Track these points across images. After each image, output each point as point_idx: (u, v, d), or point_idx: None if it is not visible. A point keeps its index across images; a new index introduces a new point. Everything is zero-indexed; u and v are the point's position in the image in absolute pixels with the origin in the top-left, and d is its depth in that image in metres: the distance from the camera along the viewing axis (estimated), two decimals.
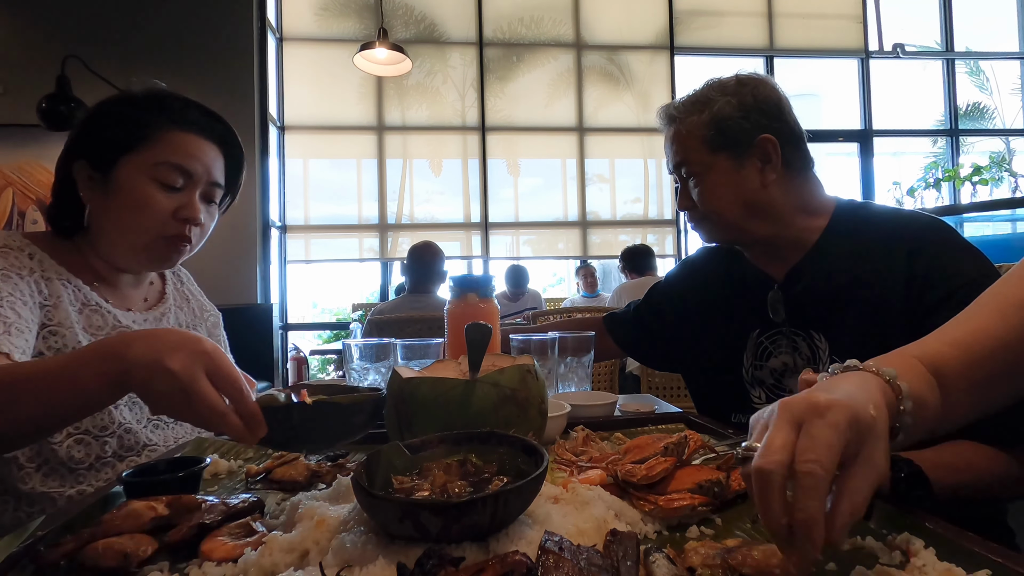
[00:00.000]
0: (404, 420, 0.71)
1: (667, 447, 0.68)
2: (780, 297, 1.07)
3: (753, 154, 1.03)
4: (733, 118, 1.03)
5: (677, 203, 1.15)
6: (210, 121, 1.03)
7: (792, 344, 1.06)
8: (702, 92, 1.08)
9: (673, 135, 1.09)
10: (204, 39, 4.36)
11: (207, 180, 1.01)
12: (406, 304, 2.72)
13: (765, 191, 1.04)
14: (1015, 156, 6.18)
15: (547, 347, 1.16)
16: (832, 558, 0.50)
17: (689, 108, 1.07)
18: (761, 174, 1.04)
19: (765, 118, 1.03)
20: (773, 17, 5.65)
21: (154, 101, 0.99)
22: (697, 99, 1.07)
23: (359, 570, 0.45)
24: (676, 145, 1.09)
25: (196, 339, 0.60)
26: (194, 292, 1.25)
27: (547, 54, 5.43)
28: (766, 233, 1.06)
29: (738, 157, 1.04)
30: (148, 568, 0.51)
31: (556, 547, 0.44)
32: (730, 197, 1.05)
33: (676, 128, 1.08)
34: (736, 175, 1.04)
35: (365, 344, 1.07)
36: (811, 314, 1.03)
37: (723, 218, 1.07)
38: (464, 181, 5.31)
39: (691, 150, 1.06)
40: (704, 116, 1.05)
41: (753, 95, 1.04)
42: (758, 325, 1.10)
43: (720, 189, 1.05)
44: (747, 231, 1.07)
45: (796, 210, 1.05)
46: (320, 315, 8.29)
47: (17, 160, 4.13)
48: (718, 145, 1.04)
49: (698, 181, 1.07)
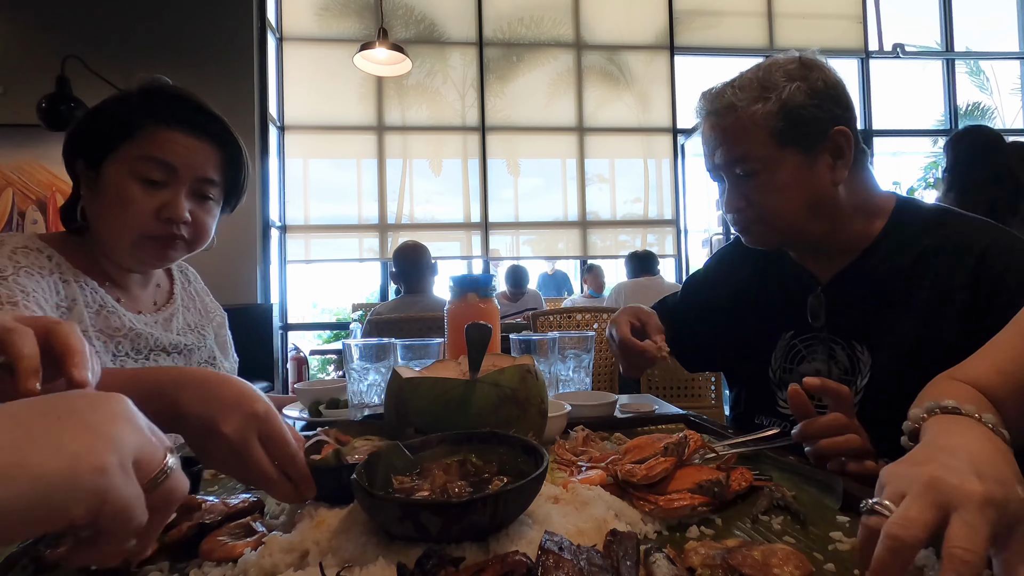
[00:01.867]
0: (404, 420, 0.71)
1: (667, 447, 0.68)
2: (822, 301, 0.99)
3: (825, 148, 0.92)
4: (807, 107, 0.91)
5: (723, 205, 1.00)
6: (201, 117, 1.00)
7: (829, 351, 0.99)
8: (764, 76, 0.93)
9: (729, 126, 0.94)
10: (204, 39, 4.35)
11: (195, 177, 0.99)
12: (404, 304, 2.73)
13: (834, 189, 0.93)
14: None
15: (547, 347, 1.16)
16: (833, 559, 0.50)
17: (751, 94, 0.92)
18: (832, 171, 0.93)
19: (838, 107, 0.92)
20: (773, 17, 5.65)
21: (143, 97, 0.98)
22: (760, 83, 0.93)
23: (359, 570, 0.45)
24: (732, 137, 0.94)
25: (250, 398, 0.56)
26: (200, 292, 1.25)
27: (547, 54, 5.42)
28: (822, 234, 0.97)
29: (810, 152, 0.92)
30: (148, 568, 0.51)
31: (556, 547, 0.44)
32: (798, 197, 0.93)
33: (733, 118, 0.93)
34: (807, 172, 0.92)
35: (365, 344, 1.07)
36: (855, 322, 0.96)
37: (784, 220, 0.95)
38: (464, 181, 5.31)
39: (754, 143, 0.92)
40: (771, 104, 0.91)
41: (823, 80, 0.92)
42: (792, 327, 1.04)
43: (789, 189, 0.93)
44: (806, 233, 0.96)
45: (856, 210, 0.96)
46: (320, 315, 8.30)
47: (17, 160, 4.13)
48: (789, 138, 0.91)
49: (761, 179, 0.94)
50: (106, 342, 0.99)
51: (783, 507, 0.61)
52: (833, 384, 0.75)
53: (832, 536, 0.55)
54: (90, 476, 0.30)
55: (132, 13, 4.27)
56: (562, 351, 1.22)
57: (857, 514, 0.59)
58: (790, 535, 0.56)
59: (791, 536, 0.56)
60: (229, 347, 1.28)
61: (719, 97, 0.96)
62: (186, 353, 1.13)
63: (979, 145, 2.32)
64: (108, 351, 0.99)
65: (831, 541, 0.54)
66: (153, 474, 0.35)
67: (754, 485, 0.65)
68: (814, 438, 0.73)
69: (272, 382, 4.41)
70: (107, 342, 0.99)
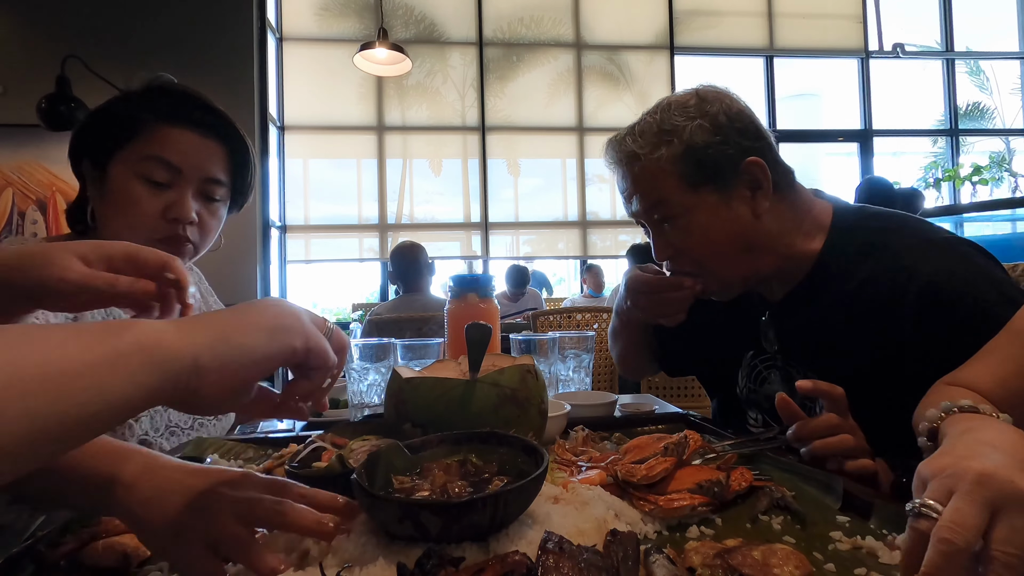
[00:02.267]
0: (404, 420, 0.71)
1: (667, 447, 0.68)
2: (772, 325, 0.97)
3: (740, 182, 0.89)
4: (711, 144, 0.87)
5: (655, 255, 0.97)
6: (208, 116, 0.99)
7: (786, 374, 0.97)
8: (662, 119, 0.90)
9: (637, 175, 0.92)
10: (204, 39, 4.35)
11: (201, 177, 0.98)
12: (403, 305, 2.73)
13: (760, 222, 0.90)
14: (1015, 156, 6.18)
15: (547, 347, 1.16)
16: (833, 559, 0.50)
17: (653, 141, 0.90)
18: (752, 203, 0.89)
19: (745, 138, 0.89)
20: (773, 17, 5.65)
21: (148, 96, 0.97)
22: (659, 127, 0.90)
23: (359, 570, 0.45)
24: (642, 187, 0.92)
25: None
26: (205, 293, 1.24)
27: (547, 54, 5.43)
28: (771, 265, 0.93)
29: (724, 189, 0.89)
30: (148, 568, 0.51)
31: (556, 547, 0.44)
32: (723, 237, 0.90)
33: (639, 167, 0.91)
34: (725, 210, 0.89)
35: (365, 344, 1.07)
36: (806, 347, 0.94)
37: (719, 262, 0.92)
38: (464, 181, 5.31)
39: (665, 189, 0.90)
40: (675, 147, 0.88)
41: (725, 113, 0.89)
42: (752, 347, 1.02)
43: (710, 231, 0.89)
44: (753, 270, 0.93)
45: (792, 232, 0.92)
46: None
47: (17, 160, 4.13)
48: (699, 179, 0.88)
49: (680, 224, 0.91)
50: None
51: (783, 507, 0.61)
52: (825, 385, 0.75)
53: (832, 536, 0.55)
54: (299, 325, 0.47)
55: (132, 13, 4.27)
56: (562, 351, 1.22)
57: (857, 514, 0.59)
58: (790, 535, 0.56)
59: (791, 536, 0.56)
60: None
61: (621, 145, 0.94)
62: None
63: (874, 192, 2.97)
64: None
65: (831, 541, 0.54)
66: (325, 328, 0.52)
67: (754, 485, 0.65)
68: (808, 440, 0.73)
69: (272, 382, 4.41)
70: None
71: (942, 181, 5.76)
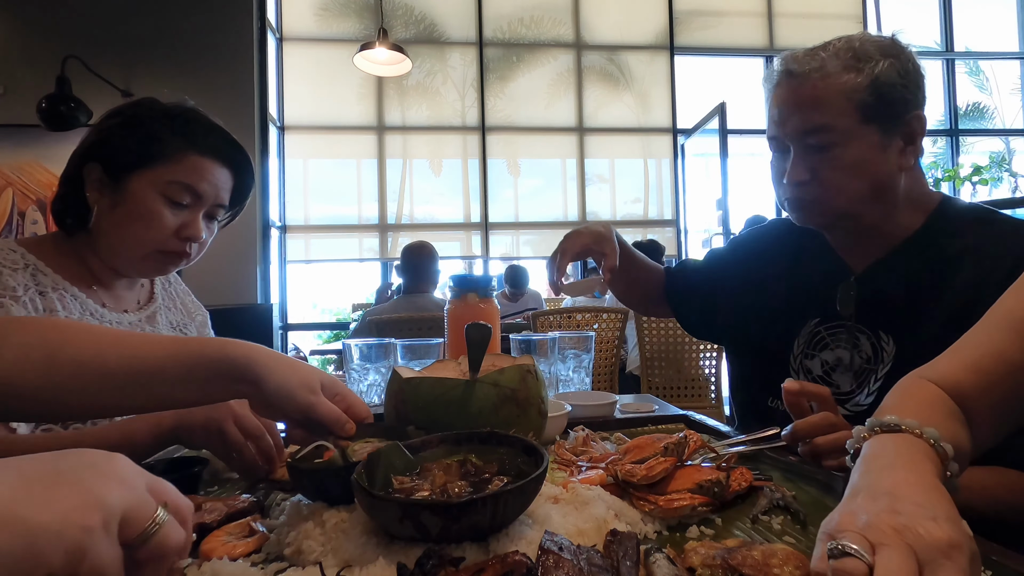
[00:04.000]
0: (404, 420, 0.71)
1: (667, 447, 0.68)
2: (854, 291, 0.98)
3: (899, 131, 0.90)
4: (895, 86, 0.88)
5: (784, 176, 0.94)
6: (229, 148, 1.05)
7: (853, 340, 0.98)
8: (859, 47, 0.89)
9: (812, 92, 0.90)
10: (204, 39, 4.35)
11: (214, 202, 1.04)
12: (403, 305, 2.73)
13: (899, 176, 0.91)
14: (1015, 156, 6.18)
15: (547, 347, 1.16)
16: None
17: (844, 62, 0.88)
18: (901, 156, 0.91)
19: (919, 93, 0.90)
20: (773, 17, 5.65)
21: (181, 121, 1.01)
22: (855, 53, 0.89)
23: (359, 570, 0.45)
24: (814, 104, 0.90)
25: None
26: (181, 293, 1.27)
27: (547, 54, 5.43)
28: (875, 219, 0.94)
29: (887, 133, 0.89)
30: None
31: (556, 547, 0.44)
32: (866, 177, 0.90)
33: (819, 84, 0.89)
34: (880, 153, 0.89)
35: (365, 344, 1.07)
36: (884, 314, 0.95)
37: (846, 198, 0.91)
38: (464, 181, 5.31)
39: (837, 114, 0.88)
40: (863, 77, 0.87)
41: (912, 63, 0.90)
42: (819, 314, 1.02)
43: (860, 167, 0.89)
44: (860, 216, 0.93)
45: (907, 200, 0.94)
46: (320, 315, 8.29)
47: (17, 160, 4.13)
48: (872, 114, 0.88)
49: (834, 153, 0.89)
50: None
51: (783, 507, 0.61)
52: (812, 386, 0.75)
53: None
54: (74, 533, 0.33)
55: (132, 13, 4.27)
56: (562, 351, 1.22)
57: None
58: (790, 535, 0.56)
59: (791, 536, 0.56)
60: None
61: (809, 59, 0.91)
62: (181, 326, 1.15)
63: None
64: None
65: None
66: (143, 528, 0.37)
67: (754, 485, 0.65)
68: (806, 437, 0.73)
69: None
70: None
71: (942, 181, 5.76)
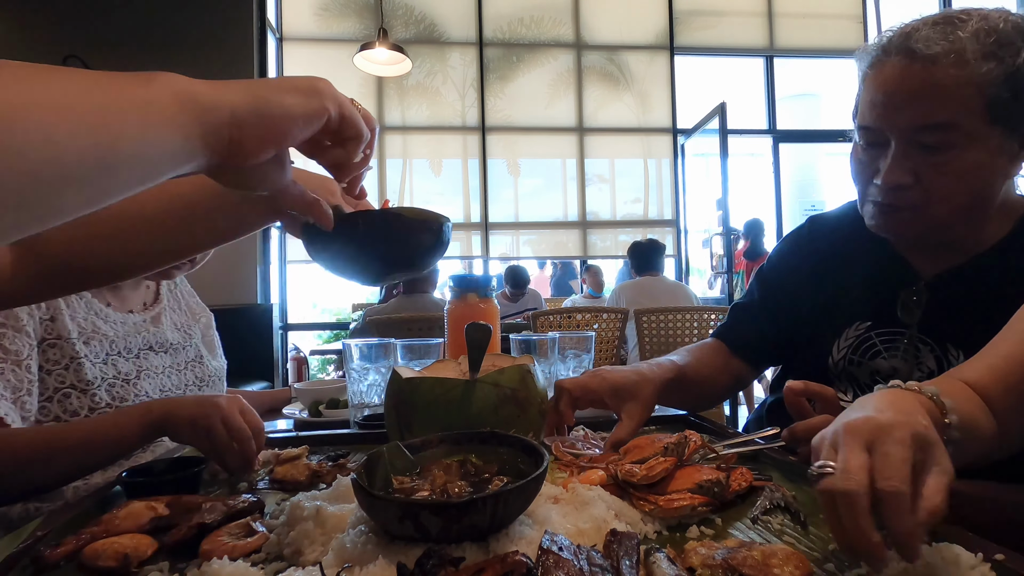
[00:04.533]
0: (404, 420, 0.71)
1: (667, 447, 0.68)
2: (924, 296, 0.89)
3: (1019, 135, 0.77)
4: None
5: (885, 176, 0.80)
6: None
7: (914, 351, 0.89)
8: (1003, 29, 0.74)
9: (939, 80, 0.74)
10: (204, 39, 4.35)
11: None
12: (403, 305, 2.73)
13: (1000, 184, 0.81)
14: None
15: (547, 347, 1.16)
16: (832, 558, 0.50)
17: (986, 48, 0.73)
18: (1011, 162, 0.79)
19: None
20: (773, 17, 5.65)
21: None
22: (998, 37, 0.74)
23: (359, 570, 0.45)
24: (938, 96, 0.75)
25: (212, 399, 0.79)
26: (186, 295, 1.28)
27: (547, 54, 5.43)
28: (964, 232, 0.86)
29: (1007, 137, 0.76)
30: (148, 568, 0.51)
31: (556, 547, 0.44)
32: (977, 185, 0.79)
33: (951, 72, 0.74)
34: (997, 159, 0.77)
35: (365, 344, 1.07)
36: (953, 325, 0.86)
37: (947, 209, 0.80)
38: (464, 181, 5.31)
39: (966, 111, 0.74)
40: (1003, 67, 0.73)
41: None
42: (871, 318, 0.94)
43: (974, 174, 0.77)
44: (952, 228, 0.84)
45: (998, 209, 0.85)
46: (320, 315, 8.30)
47: None
48: (1001, 114, 0.74)
49: (950, 156, 0.77)
50: (96, 345, 1.00)
51: (783, 507, 0.61)
52: (816, 386, 0.75)
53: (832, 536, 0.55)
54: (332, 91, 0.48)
55: (132, 13, 4.27)
56: (562, 351, 1.22)
57: None
58: (790, 535, 0.56)
59: (791, 536, 0.56)
60: (217, 347, 1.30)
61: (940, 39, 0.74)
62: (173, 352, 1.15)
63: None
64: (101, 353, 1.00)
65: (831, 541, 0.54)
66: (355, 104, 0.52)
67: (754, 485, 0.65)
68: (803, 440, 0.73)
69: (272, 382, 4.41)
70: (98, 344, 1.00)
71: None
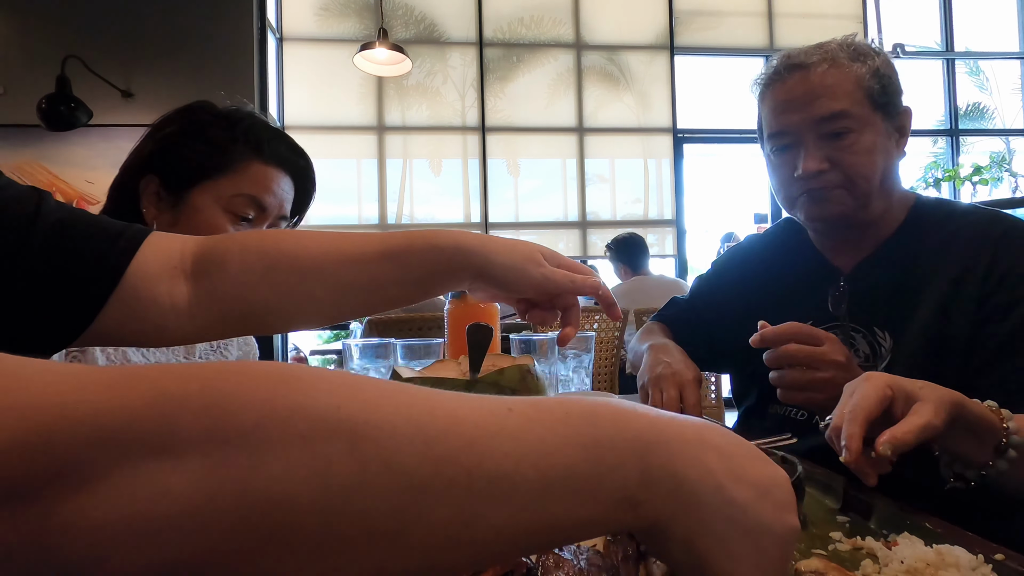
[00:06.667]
0: None
1: None
2: (845, 289, 1.00)
3: (895, 123, 0.96)
4: (891, 78, 0.94)
5: (804, 166, 0.95)
6: (293, 155, 0.98)
7: (849, 340, 0.99)
8: (854, 44, 0.95)
9: (825, 81, 0.92)
10: (204, 39, 4.35)
11: (277, 214, 0.97)
12: None
13: (896, 166, 0.97)
14: (1015, 156, 6.18)
15: (547, 347, 1.16)
16: (833, 559, 0.50)
17: (851, 54, 0.94)
18: (897, 146, 0.97)
19: (901, 87, 0.96)
20: (773, 17, 5.65)
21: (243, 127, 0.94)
22: (854, 48, 0.95)
23: None
24: (829, 92, 0.92)
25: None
26: None
27: (547, 54, 5.42)
28: (874, 214, 0.97)
29: (888, 120, 0.94)
30: None
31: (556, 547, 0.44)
32: (880, 163, 0.94)
33: (832, 72, 0.92)
34: (886, 139, 0.94)
35: (365, 344, 1.07)
36: (877, 310, 0.97)
37: (868, 184, 0.93)
38: (464, 181, 5.31)
39: (853, 101, 0.92)
40: (868, 67, 0.93)
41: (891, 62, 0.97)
42: (812, 316, 1.01)
43: (873, 153, 0.93)
44: (870, 207, 0.96)
45: (892, 194, 0.98)
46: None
47: (17, 160, 4.12)
48: (880, 102, 0.93)
49: (849, 139, 0.93)
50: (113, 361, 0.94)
51: None
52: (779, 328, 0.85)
53: (832, 536, 0.55)
54: None
55: (132, 13, 4.27)
56: (562, 351, 1.21)
57: (857, 514, 0.60)
58: None
59: None
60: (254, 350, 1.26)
61: (813, 53, 0.95)
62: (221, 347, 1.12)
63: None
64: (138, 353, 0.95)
65: (831, 541, 0.54)
66: None
67: None
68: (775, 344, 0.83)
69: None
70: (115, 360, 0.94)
71: (942, 181, 5.76)
